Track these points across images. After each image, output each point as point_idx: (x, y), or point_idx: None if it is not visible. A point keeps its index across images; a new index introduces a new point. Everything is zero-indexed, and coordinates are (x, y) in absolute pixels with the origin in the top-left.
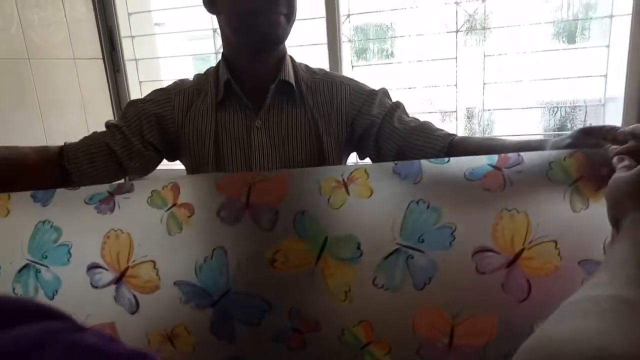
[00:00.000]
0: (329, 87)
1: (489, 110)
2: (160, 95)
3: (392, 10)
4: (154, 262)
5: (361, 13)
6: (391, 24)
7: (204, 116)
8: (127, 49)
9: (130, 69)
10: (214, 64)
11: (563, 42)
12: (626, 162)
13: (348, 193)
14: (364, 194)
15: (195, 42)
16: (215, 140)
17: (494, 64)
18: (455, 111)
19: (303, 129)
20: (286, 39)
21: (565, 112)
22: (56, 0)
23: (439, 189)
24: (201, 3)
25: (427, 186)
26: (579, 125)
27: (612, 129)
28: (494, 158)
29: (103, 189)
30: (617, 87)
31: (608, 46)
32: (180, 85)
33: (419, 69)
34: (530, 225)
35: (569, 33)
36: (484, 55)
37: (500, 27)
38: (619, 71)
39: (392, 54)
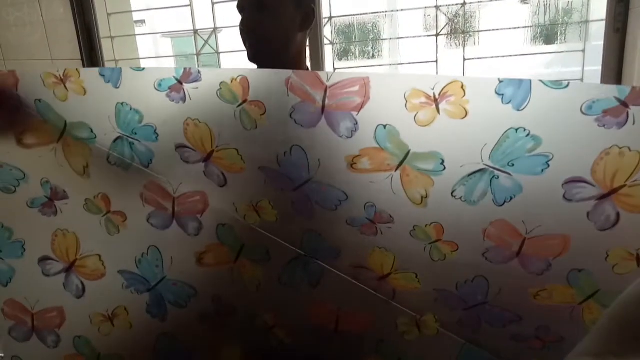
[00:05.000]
0: None
1: None
2: None
3: (373, 13)
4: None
5: (342, 16)
6: (374, 25)
7: None
8: (107, 49)
9: None
10: (196, 64)
11: (540, 44)
12: None
13: (438, 112)
14: (457, 115)
15: (177, 42)
16: None
17: (474, 67)
18: None
19: None
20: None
21: None
22: (32, 0)
23: (546, 119)
24: (182, 3)
25: (532, 114)
26: None
27: None
28: (625, 91)
29: (169, 74)
30: None
31: (583, 51)
32: None
33: (401, 71)
34: None
35: (547, 37)
36: (464, 59)
37: (479, 31)
38: (594, 76)
39: (373, 56)
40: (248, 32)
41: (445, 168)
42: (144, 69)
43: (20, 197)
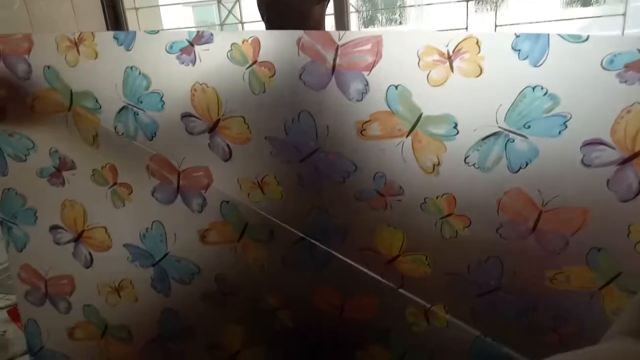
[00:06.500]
0: None
1: None
2: None
3: None
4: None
5: None
6: None
7: None
8: (132, 21)
9: None
10: None
11: (577, 7)
12: None
13: (452, 70)
14: (471, 73)
15: (199, 11)
16: None
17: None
18: None
19: None
20: None
21: None
22: None
23: (564, 74)
24: None
25: (550, 70)
26: None
27: None
28: None
29: (182, 37)
30: None
31: (624, 14)
32: None
33: None
34: None
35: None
36: (495, 26)
37: None
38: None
39: (400, 24)
40: (267, 6)
41: (458, 132)
42: (158, 32)
43: (31, 166)
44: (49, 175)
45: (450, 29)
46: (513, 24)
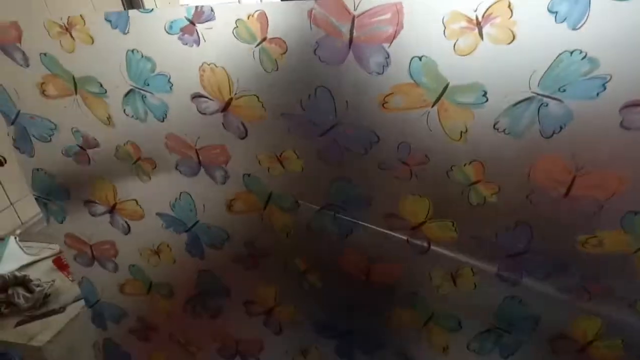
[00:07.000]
0: None
1: None
2: None
3: None
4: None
5: None
6: None
7: None
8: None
9: None
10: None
11: None
12: None
13: (482, 37)
14: (503, 40)
15: None
16: None
17: None
18: None
19: None
20: None
21: None
22: None
23: (606, 37)
24: None
25: (590, 33)
26: None
27: None
28: None
29: (180, 14)
30: None
31: None
32: None
33: None
34: None
35: None
36: None
37: None
38: None
39: None
40: None
41: (487, 100)
42: (152, 10)
43: (56, 146)
44: (74, 154)
45: None
46: None
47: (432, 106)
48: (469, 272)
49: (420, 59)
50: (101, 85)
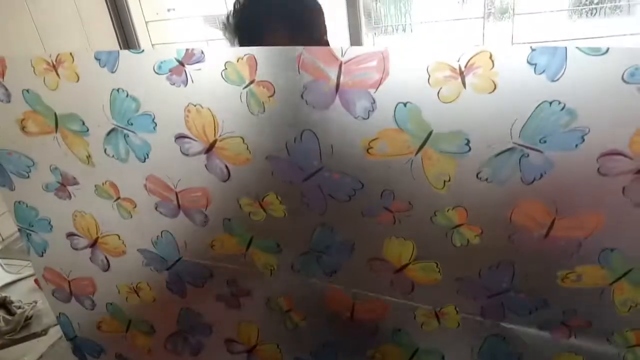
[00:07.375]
0: None
1: None
2: None
3: None
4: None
5: None
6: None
7: None
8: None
9: None
10: None
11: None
12: None
13: (464, 86)
14: (485, 89)
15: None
16: None
17: None
18: None
19: None
20: None
21: None
22: None
23: (583, 89)
24: None
25: (567, 85)
26: None
27: None
28: None
29: (170, 55)
30: None
31: None
32: None
33: None
34: None
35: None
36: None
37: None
38: None
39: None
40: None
41: (470, 149)
42: (142, 50)
43: (35, 182)
44: (55, 189)
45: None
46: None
47: (416, 154)
48: (453, 311)
49: (405, 105)
50: (83, 123)
